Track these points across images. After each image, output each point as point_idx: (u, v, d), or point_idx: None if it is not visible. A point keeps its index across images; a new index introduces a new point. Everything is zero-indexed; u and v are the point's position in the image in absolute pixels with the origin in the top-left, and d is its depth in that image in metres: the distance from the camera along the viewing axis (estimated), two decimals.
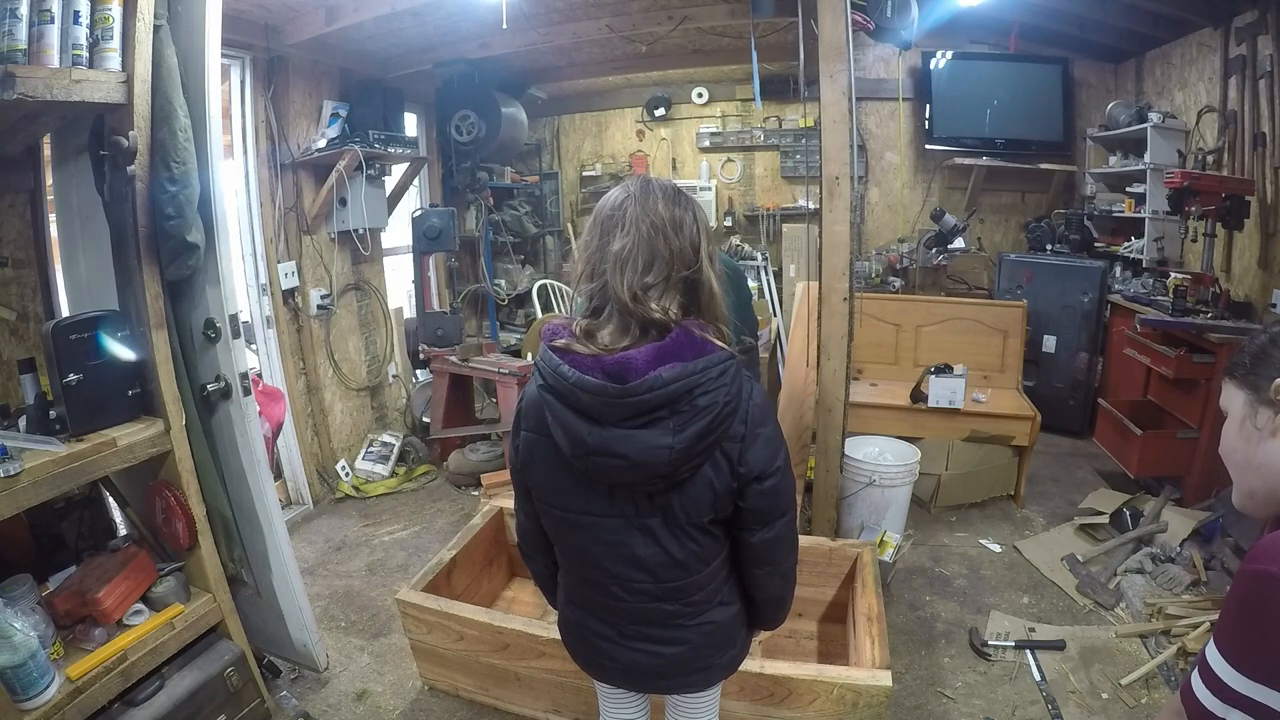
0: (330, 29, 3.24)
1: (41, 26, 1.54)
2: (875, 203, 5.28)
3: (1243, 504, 0.95)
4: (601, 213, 1.09)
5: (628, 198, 1.07)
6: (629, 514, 1.10)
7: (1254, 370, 0.89)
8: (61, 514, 2.07)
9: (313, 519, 3.58)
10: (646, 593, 1.16)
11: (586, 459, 1.05)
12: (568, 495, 1.13)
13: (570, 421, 1.04)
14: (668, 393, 0.99)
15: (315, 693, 2.30)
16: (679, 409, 1.01)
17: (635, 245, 1.04)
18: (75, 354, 1.72)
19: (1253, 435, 0.89)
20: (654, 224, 1.04)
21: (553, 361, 1.05)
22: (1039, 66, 4.79)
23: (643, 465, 1.02)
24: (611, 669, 1.28)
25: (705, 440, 1.03)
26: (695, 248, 1.07)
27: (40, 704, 1.57)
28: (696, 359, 1.01)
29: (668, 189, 1.09)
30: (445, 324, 4.04)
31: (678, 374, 1.00)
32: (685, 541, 1.12)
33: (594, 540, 1.14)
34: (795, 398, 3.18)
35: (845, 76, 2.41)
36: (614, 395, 1.00)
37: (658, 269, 1.04)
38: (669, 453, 1.01)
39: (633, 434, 1.01)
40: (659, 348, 1.01)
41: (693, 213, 1.09)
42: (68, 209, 2.08)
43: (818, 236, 2.60)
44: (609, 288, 1.04)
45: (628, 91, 5.64)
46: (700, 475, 1.06)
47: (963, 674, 2.33)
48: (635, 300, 1.03)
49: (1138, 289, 4.06)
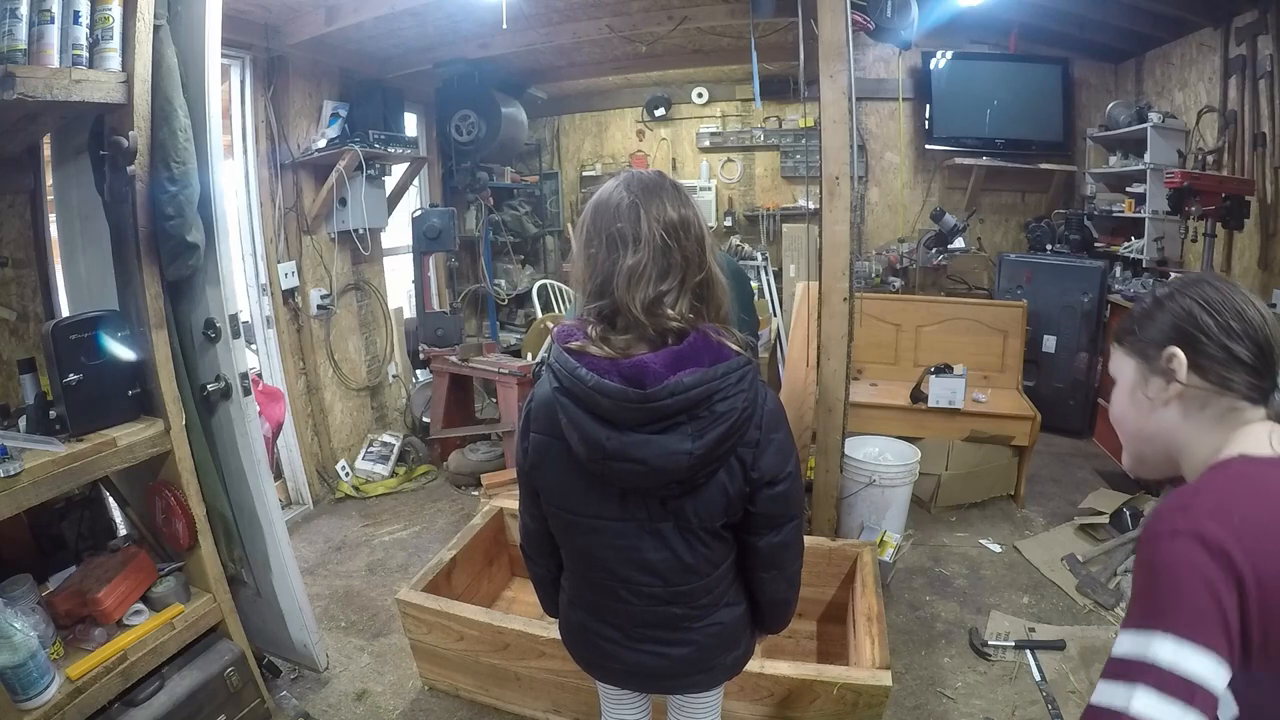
0: (330, 29, 3.24)
1: (41, 26, 1.54)
2: (875, 203, 5.28)
3: (1133, 468, 0.95)
4: (603, 217, 1.04)
5: (631, 203, 1.02)
6: (640, 518, 1.10)
7: (1141, 336, 0.87)
8: (61, 514, 2.07)
9: (313, 519, 3.58)
10: (656, 596, 1.15)
11: (604, 464, 1.03)
12: (578, 499, 1.12)
13: (587, 425, 1.02)
14: (689, 398, 0.99)
15: (315, 693, 2.30)
16: (698, 415, 1.00)
17: (649, 259, 1.01)
18: (75, 354, 1.72)
19: (1144, 404, 0.88)
20: (666, 232, 1.02)
21: (569, 364, 1.03)
22: (1039, 66, 4.79)
23: (662, 470, 1.01)
24: (616, 670, 1.27)
25: (723, 446, 1.02)
26: (703, 247, 1.05)
27: (40, 704, 1.57)
28: (715, 364, 1.01)
29: (666, 186, 1.06)
30: (445, 324, 4.04)
31: (698, 379, 0.99)
32: (696, 546, 1.11)
33: (604, 544, 1.14)
34: (795, 398, 3.18)
35: (845, 76, 2.41)
36: (634, 400, 0.99)
37: (672, 277, 1.02)
38: (689, 458, 1.00)
39: (652, 439, 1.00)
40: (676, 353, 1.01)
41: (694, 209, 1.07)
42: (68, 209, 2.08)
43: (818, 236, 2.60)
44: (619, 302, 1.02)
45: (628, 91, 5.63)
46: (715, 480, 1.06)
47: (963, 674, 2.33)
48: (649, 313, 1.01)
49: (1138, 289, 4.06)
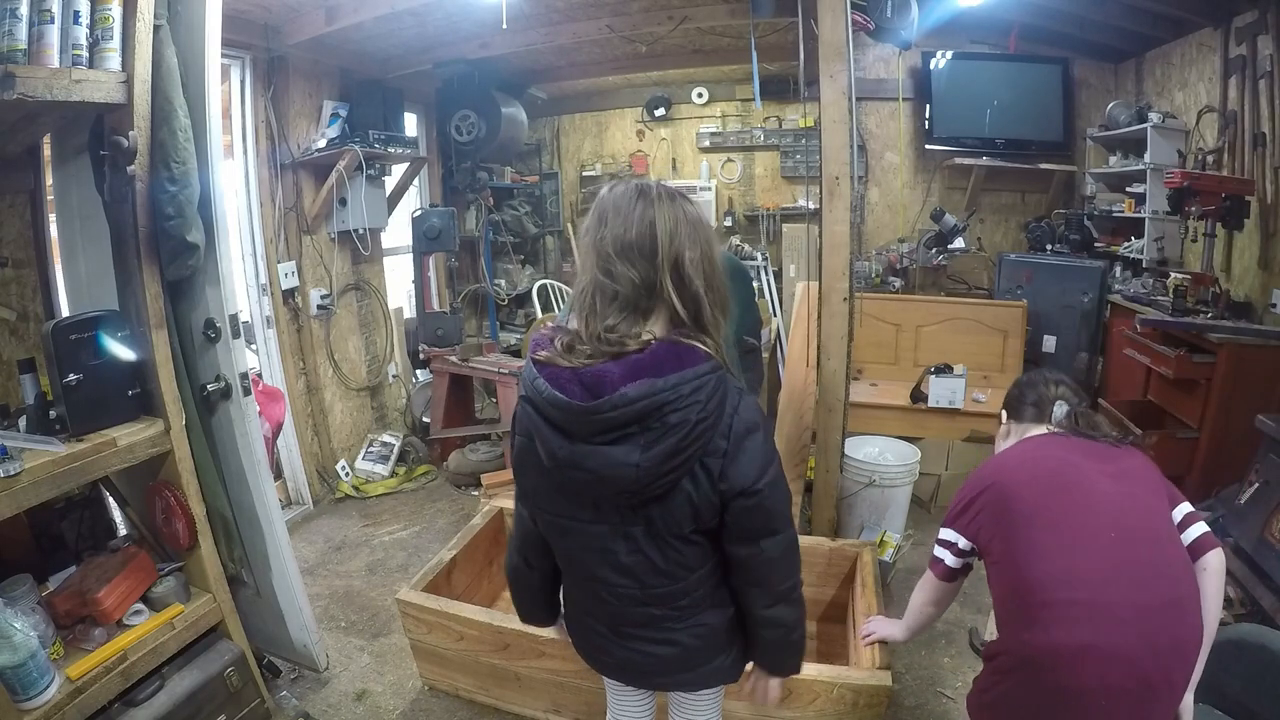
0: (330, 29, 3.24)
1: (41, 26, 1.54)
2: (875, 203, 5.28)
3: None
4: (584, 237, 1.08)
5: (596, 223, 1.05)
6: (614, 521, 1.10)
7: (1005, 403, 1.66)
8: (61, 514, 2.07)
9: (313, 519, 3.58)
10: (633, 598, 1.16)
11: (560, 471, 1.05)
12: (555, 501, 1.14)
13: (545, 433, 1.04)
14: (634, 410, 0.98)
15: (315, 693, 2.30)
16: (649, 426, 0.99)
17: (592, 287, 1.03)
18: (75, 354, 1.72)
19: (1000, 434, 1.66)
20: (608, 258, 1.02)
21: (530, 374, 1.06)
22: (1039, 66, 4.78)
23: (609, 480, 1.02)
24: (609, 663, 1.29)
25: (676, 458, 1.00)
26: (679, 264, 1.02)
27: (40, 704, 1.57)
28: (670, 375, 0.99)
29: (625, 207, 1.03)
30: (445, 324, 4.04)
31: (643, 392, 0.97)
32: (668, 551, 1.10)
33: (581, 545, 1.15)
34: (795, 398, 3.18)
35: (845, 76, 2.41)
36: (579, 412, 0.99)
37: (616, 308, 1.02)
38: (635, 470, 1.00)
39: (600, 450, 1.00)
40: (635, 362, 1.00)
41: (673, 222, 1.03)
42: (68, 209, 2.07)
43: (818, 236, 2.60)
44: (578, 326, 1.05)
45: (628, 91, 5.63)
46: (679, 489, 1.04)
47: (963, 674, 2.33)
48: (601, 341, 1.02)
49: (1138, 289, 4.06)
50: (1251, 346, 3.01)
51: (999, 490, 1.39)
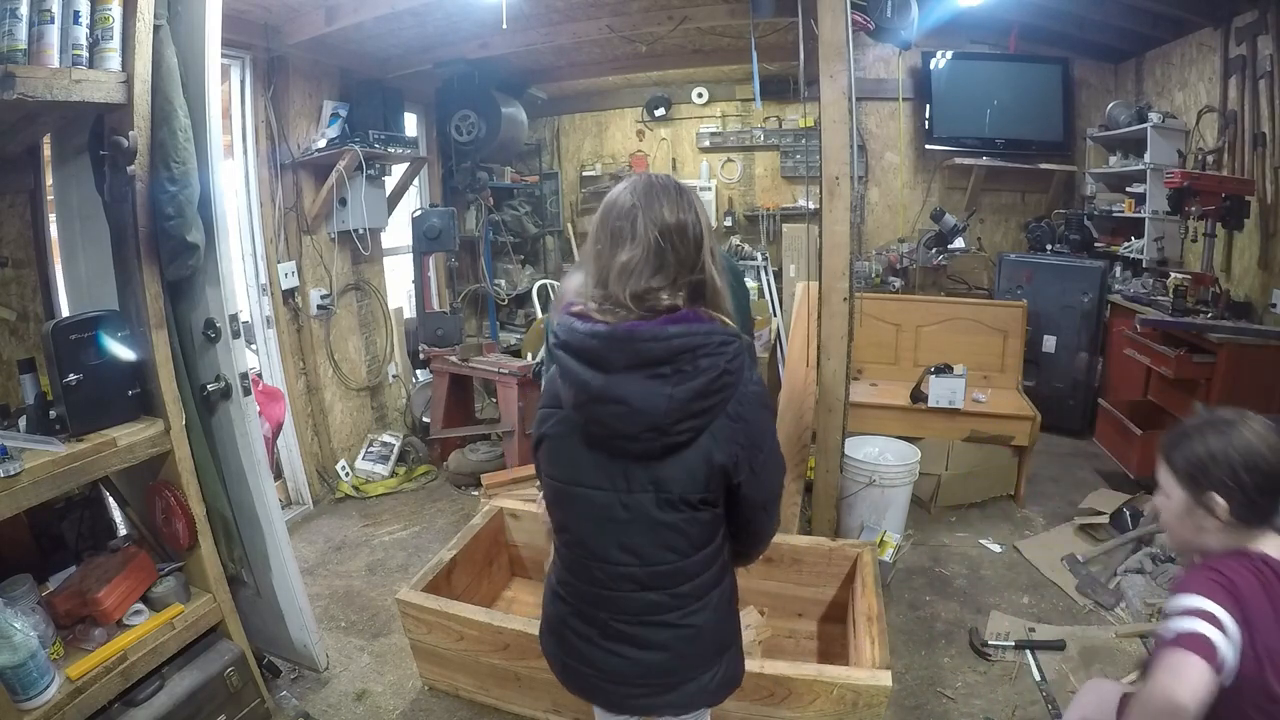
0: (330, 29, 3.24)
1: (41, 26, 1.54)
2: (875, 203, 5.28)
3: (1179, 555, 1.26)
4: (610, 215, 1.12)
5: (632, 205, 1.10)
6: (620, 489, 1.12)
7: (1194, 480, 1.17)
8: (61, 514, 2.07)
9: (313, 519, 3.58)
10: (632, 578, 1.15)
11: (589, 407, 1.09)
12: (566, 462, 1.17)
13: (577, 371, 1.09)
14: (670, 346, 1.05)
15: (315, 693, 2.30)
16: (681, 366, 1.06)
17: (643, 257, 1.08)
18: (75, 354, 1.72)
19: (1191, 528, 1.19)
20: (661, 234, 1.08)
21: (567, 320, 1.13)
22: (1039, 66, 4.79)
23: (641, 413, 1.06)
24: (588, 676, 1.24)
25: (703, 400, 1.07)
26: (699, 248, 1.11)
27: (40, 704, 1.57)
28: (704, 324, 1.08)
29: (670, 190, 1.12)
30: (445, 324, 4.04)
31: (682, 331, 1.06)
32: (675, 520, 1.13)
33: (584, 515, 1.17)
34: (795, 398, 3.18)
35: (845, 76, 2.41)
36: (620, 337, 1.07)
37: (663, 275, 1.09)
38: (668, 400, 1.05)
39: (634, 377, 1.06)
40: (667, 319, 1.08)
41: (695, 212, 1.12)
42: (68, 209, 2.08)
43: (818, 236, 2.60)
44: (611, 294, 1.10)
45: (628, 91, 5.63)
46: (698, 445, 1.09)
47: (963, 674, 2.33)
48: (639, 301, 1.08)
49: (1138, 289, 4.06)
50: (1251, 346, 3.01)
51: None
